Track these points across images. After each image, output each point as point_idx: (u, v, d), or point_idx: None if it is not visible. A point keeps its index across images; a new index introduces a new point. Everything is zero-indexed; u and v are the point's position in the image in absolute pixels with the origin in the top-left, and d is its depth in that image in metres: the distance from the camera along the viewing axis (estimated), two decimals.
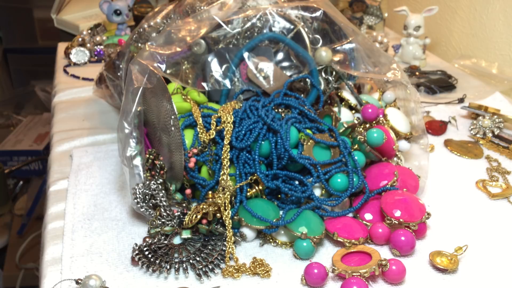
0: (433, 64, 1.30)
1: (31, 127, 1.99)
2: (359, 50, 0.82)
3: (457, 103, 1.08)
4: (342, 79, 0.84)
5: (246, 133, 0.70)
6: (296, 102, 0.76)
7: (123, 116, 0.69)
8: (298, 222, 0.65)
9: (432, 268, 0.63)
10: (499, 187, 0.80)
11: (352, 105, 0.83)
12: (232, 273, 0.62)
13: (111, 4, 1.28)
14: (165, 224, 0.67)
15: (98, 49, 1.27)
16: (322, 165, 0.70)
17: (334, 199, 0.69)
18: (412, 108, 0.83)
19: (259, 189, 0.70)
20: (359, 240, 0.65)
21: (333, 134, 0.73)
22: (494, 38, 1.24)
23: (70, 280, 0.60)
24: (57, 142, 0.92)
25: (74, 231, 0.69)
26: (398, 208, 0.67)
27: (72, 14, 1.52)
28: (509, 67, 1.20)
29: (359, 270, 0.59)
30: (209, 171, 0.71)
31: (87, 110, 1.04)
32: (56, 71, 1.24)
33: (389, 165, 0.74)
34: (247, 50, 0.80)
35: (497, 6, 1.22)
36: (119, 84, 0.90)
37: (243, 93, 0.79)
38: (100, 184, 0.79)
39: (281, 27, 0.82)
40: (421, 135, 0.81)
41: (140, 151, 0.70)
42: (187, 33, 0.77)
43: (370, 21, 1.41)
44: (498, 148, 0.91)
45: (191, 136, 0.73)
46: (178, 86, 0.79)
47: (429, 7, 1.23)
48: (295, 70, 0.81)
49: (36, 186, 1.76)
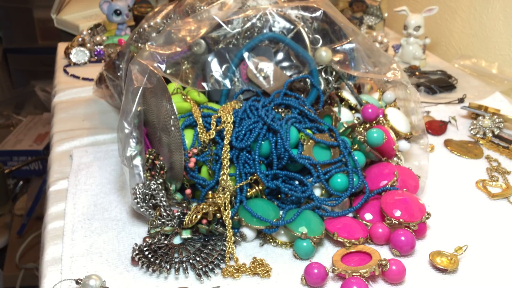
0: (433, 64, 1.30)
1: (31, 127, 1.99)
2: (359, 50, 0.82)
3: (457, 103, 1.08)
4: (342, 79, 0.83)
5: (246, 133, 0.70)
6: (296, 102, 0.76)
7: (123, 116, 0.69)
8: (298, 222, 0.65)
9: (432, 268, 0.63)
10: (499, 187, 0.80)
11: (352, 105, 0.83)
12: (232, 273, 0.62)
13: (111, 4, 1.28)
14: (165, 224, 0.67)
15: (98, 49, 1.27)
16: (322, 165, 0.70)
17: (334, 199, 0.69)
18: (412, 108, 0.83)
19: (259, 189, 0.69)
20: (359, 240, 0.65)
21: (333, 134, 0.73)
22: (494, 38, 1.24)
23: (70, 280, 0.60)
24: (57, 142, 0.92)
25: (74, 231, 0.69)
26: (398, 208, 0.67)
27: (72, 14, 1.52)
28: (509, 67, 1.20)
29: (359, 270, 0.59)
30: (209, 171, 0.71)
31: (87, 110, 1.04)
32: (56, 71, 1.24)
33: (389, 165, 0.74)
34: (247, 50, 0.80)
35: (497, 6, 1.22)
36: (119, 84, 0.90)
37: (243, 93, 0.79)
38: (100, 184, 0.79)
39: (281, 27, 0.82)
40: (421, 135, 0.81)
41: (140, 151, 0.70)
42: (187, 33, 0.77)
43: (370, 21, 1.41)
44: (498, 148, 0.91)
45: (191, 136, 0.73)
46: (178, 86, 0.79)
47: (429, 7, 1.23)
48: (295, 70, 0.81)
49: (36, 186, 1.76)
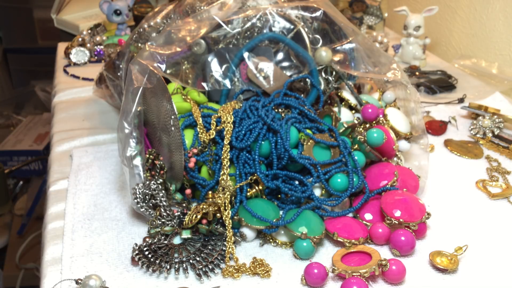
0: (433, 64, 1.30)
1: (31, 127, 1.99)
2: (359, 50, 0.82)
3: (457, 103, 1.08)
4: (342, 79, 0.83)
5: (246, 133, 0.70)
6: (296, 102, 0.76)
7: (123, 116, 0.69)
8: (298, 222, 0.65)
9: (432, 268, 0.63)
10: (499, 187, 0.80)
11: (352, 105, 0.83)
12: (232, 273, 0.62)
13: (111, 4, 1.28)
14: (165, 224, 0.67)
15: (98, 49, 1.27)
16: (322, 165, 0.70)
17: (334, 199, 0.69)
18: (412, 108, 0.83)
19: (259, 189, 0.69)
20: (359, 240, 0.65)
21: (333, 134, 0.73)
22: (494, 38, 1.24)
23: (70, 280, 0.60)
24: (57, 142, 0.92)
25: (74, 231, 0.69)
26: (398, 208, 0.67)
27: (72, 14, 1.52)
28: (509, 67, 1.20)
29: (359, 270, 0.59)
30: (209, 171, 0.71)
31: (87, 110, 1.04)
32: (56, 71, 1.24)
33: (389, 165, 0.74)
34: (247, 50, 0.80)
35: (497, 6, 1.22)
36: (119, 84, 0.90)
37: (243, 93, 0.79)
38: (100, 184, 0.79)
39: (281, 27, 0.82)
40: (421, 135, 0.81)
41: (140, 151, 0.70)
42: (187, 33, 0.77)
43: (370, 21, 1.41)
44: (498, 148, 0.91)
45: (191, 136, 0.73)
46: (178, 86, 0.79)
47: (429, 7, 1.23)
48: (295, 70, 0.81)
49: (36, 186, 1.76)
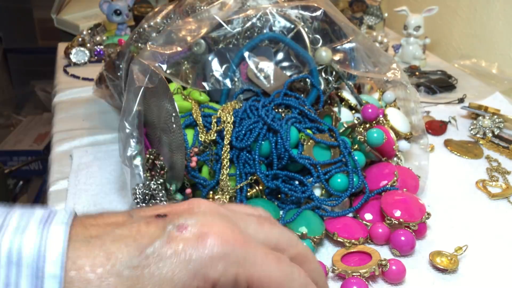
0: (433, 64, 1.30)
1: (31, 127, 1.99)
2: (359, 50, 0.82)
3: (457, 103, 1.08)
4: (342, 79, 0.83)
5: (246, 133, 0.70)
6: (296, 102, 0.76)
7: (124, 116, 0.69)
8: (298, 222, 0.65)
9: (432, 268, 0.63)
10: (499, 187, 0.80)
11: (352, 105, 0.83)
12: None
13: (111, 4, 1.28)
14: None
15: (98, 49, 1.27)
16: (322, 165, 0.70)
17: (334, 199, 0.69)
18: (412, 108, 0.83)
19: (259, 189, 0.69)
20: (359, 240, 0.65)
21: (333, 134, 0.73)
22: (494, 38, 1.24)
23: None
24: (57, 142, 0.92)
25: None
26: (398, 208, 0.67)
27: (72, 14, 1.52)
28: (509, 67, 1.20)
29: (359, 270, 0.59)
30: (210, 171, 0.71)
31: (87, 110, 1.04)
32: (56, 71, 1.24)
33: (389, 165, 0.74)
34: (248, 50, 0.80)
35: (497, 6, 1.22)
36: (119, 84, 0.90)
37: (243, 93, 0.79)
38: (100, 184, 0.79)
39: (281, 27, 0.82)
40: (421, 135, 0.81)
41: (140, 151, 0.70)
42: (187, 33, 0.77)
43: (370, 21, 1.41)
44: (498, 148, 0.91)
45: (191, 136, 0.73)
46: (178, 86, 0.79)
47: (429, 7, 1.23)
48: (295, 70, 0.81)
49: (36, 186, 1.76)
